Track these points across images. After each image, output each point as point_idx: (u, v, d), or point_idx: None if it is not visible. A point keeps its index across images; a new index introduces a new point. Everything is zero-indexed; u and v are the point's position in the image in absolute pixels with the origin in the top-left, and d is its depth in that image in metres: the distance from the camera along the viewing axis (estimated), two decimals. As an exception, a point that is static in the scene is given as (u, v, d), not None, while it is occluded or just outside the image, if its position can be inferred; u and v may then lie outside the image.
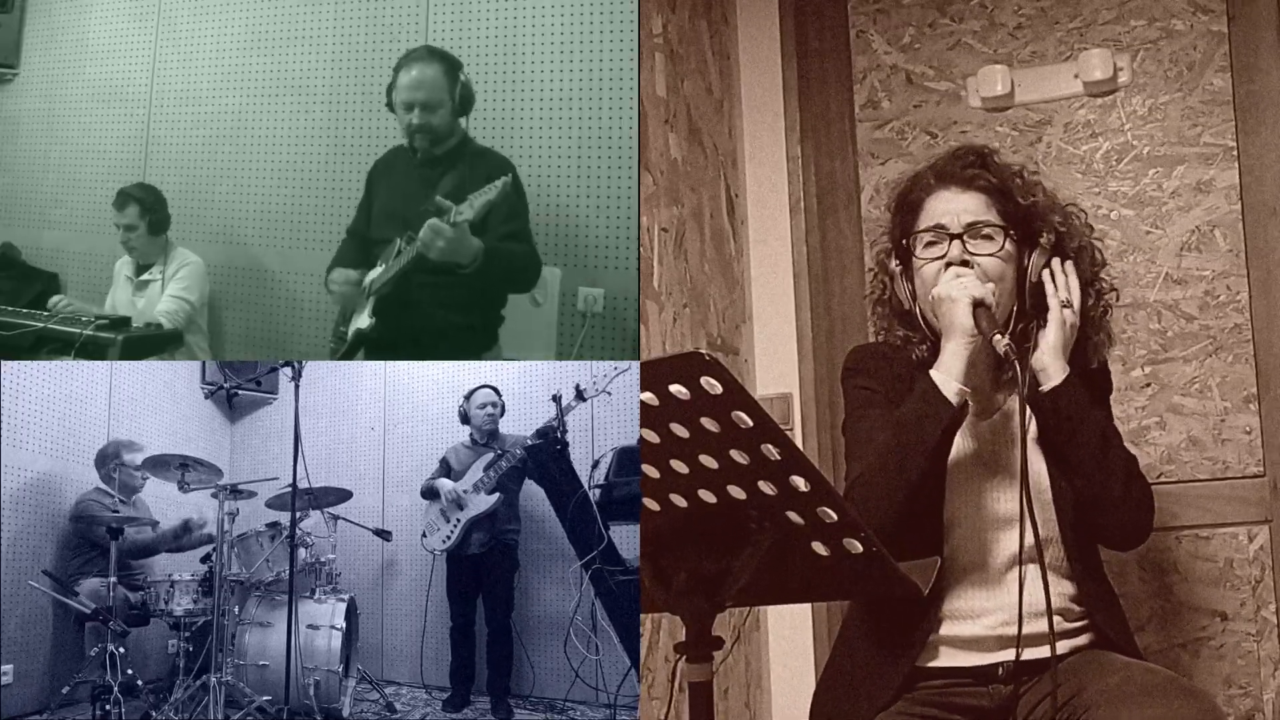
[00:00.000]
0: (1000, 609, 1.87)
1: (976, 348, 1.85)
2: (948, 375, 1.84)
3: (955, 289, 1.86)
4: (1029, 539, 1.79)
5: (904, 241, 1.99)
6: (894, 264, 2.01)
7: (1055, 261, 1.95)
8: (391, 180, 2.87)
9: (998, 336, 1.80)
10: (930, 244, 1.94)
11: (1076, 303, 1.93)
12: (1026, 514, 1.76)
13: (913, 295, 1.98)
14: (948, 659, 1.90)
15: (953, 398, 1.83)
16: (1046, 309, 1.94)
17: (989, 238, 1.92)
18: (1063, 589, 1.90)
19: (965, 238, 1.91)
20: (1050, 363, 1.89)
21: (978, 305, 1.83)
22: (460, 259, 2.53)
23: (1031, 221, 1.95)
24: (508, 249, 2.62)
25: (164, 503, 3.04)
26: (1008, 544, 1.88)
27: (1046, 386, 1.87)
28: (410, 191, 2.71)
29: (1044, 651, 1.85)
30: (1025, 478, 1.80)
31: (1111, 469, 1.88)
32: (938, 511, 1.90)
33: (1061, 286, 1.94)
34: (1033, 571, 1.86)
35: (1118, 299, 2.05)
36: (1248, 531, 2.62)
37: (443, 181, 2.68)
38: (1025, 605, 1.81)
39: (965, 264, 1.89)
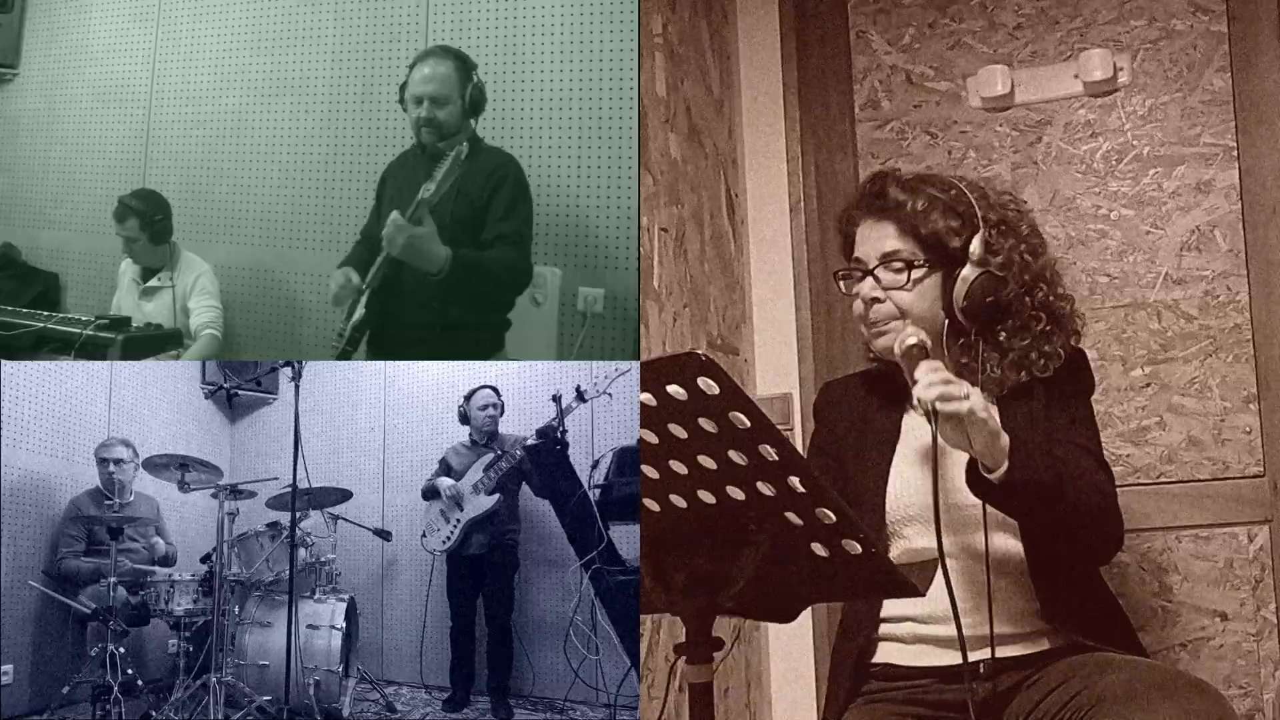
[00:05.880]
0: (973, 610, 1.82)
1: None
2: None
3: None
4: (993, 541, 1.82)
5: (836, 280, 2.03)
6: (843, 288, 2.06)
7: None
8: (398, 180, 2.87)
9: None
10: (851, 278, 1.98)
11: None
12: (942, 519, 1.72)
13: None
14: (925, 659, 1.88)
15: None
16: (986, 317, 1.90)
17: (899, 271, 1.92)
18: (1027, 599, 1.87)
19: (878, 272, 1.93)
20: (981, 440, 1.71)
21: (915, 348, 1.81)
22: (424, 265, 2.51)
23: (944, 241, 1.90)
24: (484, 259, 2.59)
25: (164, 503, 3.04)
26: (973, 542, 1.86)
27: (994, 474, 1.73)
28: (412, 187, 2.67)
29: (1018, 650, 1.85)
30: (936, 489, 1.74)
31: (1074, 528, 1.82)
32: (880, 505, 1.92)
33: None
34: (1006, 579, 1.85)
35: (1073, 306, 1.96)
36: (1248, 531, 2.62)
37: None
38: (995, 609, 1.80)
39: (876, 300, 1.92)
